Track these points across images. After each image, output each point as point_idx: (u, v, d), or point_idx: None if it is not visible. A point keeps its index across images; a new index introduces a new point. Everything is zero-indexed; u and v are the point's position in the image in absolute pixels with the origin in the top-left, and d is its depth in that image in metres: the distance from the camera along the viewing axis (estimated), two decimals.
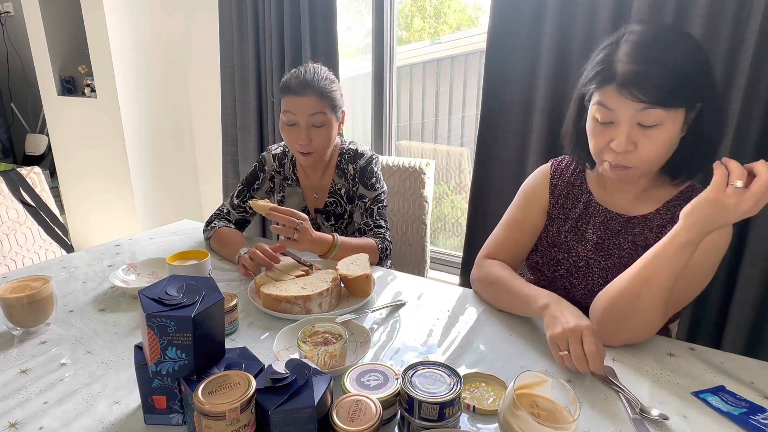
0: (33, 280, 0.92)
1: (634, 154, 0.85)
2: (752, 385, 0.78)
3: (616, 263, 0.97)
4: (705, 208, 0.75)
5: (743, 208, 0.71)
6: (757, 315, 1.35)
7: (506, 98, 1.64)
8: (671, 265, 0.79)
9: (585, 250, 1.01)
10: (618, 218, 0.99)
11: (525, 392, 0.63)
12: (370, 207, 1.36)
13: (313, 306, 0.98)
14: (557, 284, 1.06)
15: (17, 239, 1.62)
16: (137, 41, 2.56)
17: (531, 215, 1.09)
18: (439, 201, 2.60)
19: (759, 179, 0.70)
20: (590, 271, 1.01)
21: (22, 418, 0.70)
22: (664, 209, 0.95)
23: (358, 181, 1.37)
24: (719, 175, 0.73)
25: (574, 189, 1.06)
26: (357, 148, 1.40)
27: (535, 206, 1.08)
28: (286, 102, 1.26)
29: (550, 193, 1.08)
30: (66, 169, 3.05)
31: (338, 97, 1.30)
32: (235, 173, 2.53)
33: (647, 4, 1.34)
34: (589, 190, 1.04)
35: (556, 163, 1.11)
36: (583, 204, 1.04)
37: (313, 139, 1.26)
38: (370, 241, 1.29)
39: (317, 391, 0.60)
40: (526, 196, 1.11)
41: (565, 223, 1.05)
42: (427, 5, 2.41)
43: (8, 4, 3.95)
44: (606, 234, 1.00)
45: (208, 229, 1.37)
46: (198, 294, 0.65)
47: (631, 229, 0.97)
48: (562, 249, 1.05)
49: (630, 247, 0.96)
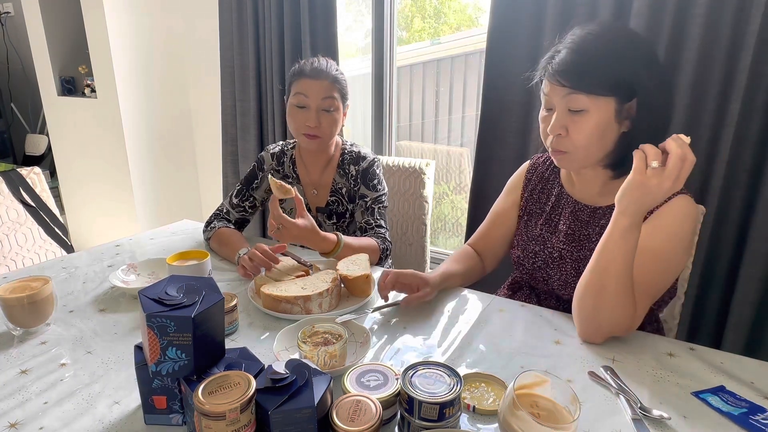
0: (33, 280, 0.92)
1: (567, 139, 0.92)
2: (752, 385, 0.78)
3: (587, 255, 0.98)
4: (632, 191, 0.78)
5: (666, 185, 0.74)
6: (757, 315, 1.35)
7: (506, 98, 1.64)
8: (621, 250, 0.82)
9: (558, 241, 1.05)
10: (585, 209, 1.03)
11: (525, 392, 0.63)
12: (371, 206, 1.37)
13: (313, 306, 0.98)
14: (536, 276, 1.10)
15: (17, 239, 1.62)
16: (137, 41, 2.56)
17: (508, 208, 1.17)
18: (439, 201, 2.60)
19: (671, 156, 0.73)
20: (564, 261, 1.04)
21: (22, 418, 0.70)
22: None
23: (360, 182, 1.38)
24: (638, 159, 0.76)
25: (547, 183, 1.11)
26: (360, 150, 1.41)
27: (510, 199, 1.17)
28: (299, 85, 1.29)
29: (524, 187, 1.15)
30: (66, 169, 3.05)
31: (347, 86, 1.34)
32: (235, 173, 2.53)
33: (647, 4, 1.35)
34: (561, 184, 1.09)
35: (535, 158, 1.17)
36: (555, 197, 1.08)
37: (322, 123, 1.29)
38: (372, 242, 1.30)
39: (317, 392, 0.60)
40: (505, 191, 1.20)
41: (540, 217, 1.10)
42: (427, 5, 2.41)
43: (8, 4, 3.95)
44: (575, 225, 1.03)
45: (207, 229, 1.38)
46: (198, 294, 0.65)
47: (598, 219, 1.00)
48: (538, 241, 1.09)
49: (597, 238, 0.99)
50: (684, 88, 1.35)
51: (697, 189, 1.40)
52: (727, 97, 1.31)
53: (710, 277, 1.43)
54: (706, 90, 1.34)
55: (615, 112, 0.89)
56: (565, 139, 0.92)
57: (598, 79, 0.87)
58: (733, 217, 1.36)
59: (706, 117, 1.35)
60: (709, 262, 1.41)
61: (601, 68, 0.87)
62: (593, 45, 0.88)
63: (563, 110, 0.91)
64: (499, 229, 1.18)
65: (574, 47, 0.89)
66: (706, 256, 1.41)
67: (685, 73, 1.35)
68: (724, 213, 1.37)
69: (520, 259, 1.12)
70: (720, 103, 1.33)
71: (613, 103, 0.88)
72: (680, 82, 1.36)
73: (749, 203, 1.34)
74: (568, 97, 0.89)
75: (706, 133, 1.36)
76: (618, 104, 0.88)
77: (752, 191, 1.33)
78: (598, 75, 0.87)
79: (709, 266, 1.42)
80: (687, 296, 1.18)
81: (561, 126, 0.91)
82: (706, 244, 1.39)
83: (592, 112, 0.88)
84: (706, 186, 1.39)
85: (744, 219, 1.35)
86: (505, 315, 1.01)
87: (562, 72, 0.89)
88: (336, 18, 2.01)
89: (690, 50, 1.33)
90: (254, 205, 1.44)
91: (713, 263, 1.41)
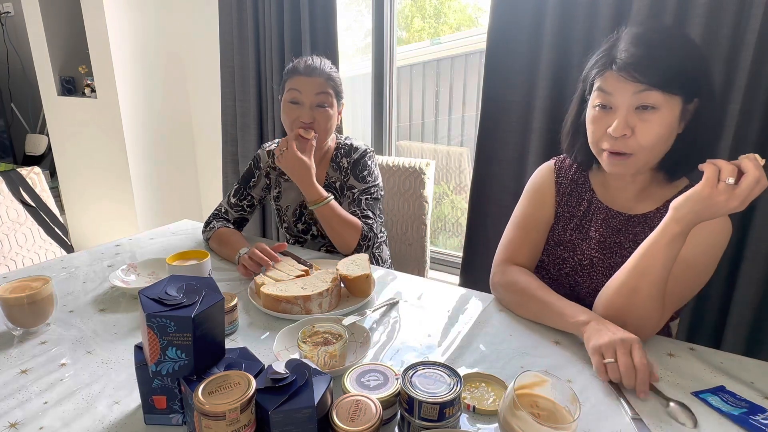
0: (33, 280, 0.92)
1: (632, 139, 0.86)
2: (752, 385, 0.78)
3: (618, 262, 0.96)
4: (696, 203, 0.76)
5: (732, 204, 0.73)
6: (757, 315, 1.35)
7: (506, 98, 1.64)
8: (664, 256, 0.81)
9: (589, 248, 1.02)
10: (619, 216, 0.99)
11: (525, 392, 0.63)
12: (358, 197, 1.35)
13: (313, 306, 0.98)
14: (562, 282, 1.06)
15: (17, 239, 1.62)
16: (137, 41, 2.56)
17: (542, 212, 1.08)
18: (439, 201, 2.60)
19: (747, 176, 0.71)
20: (594, 269, 1.01)
21: (22, 418, 0.70)
22: (664, 208, 0.95)
23: (350, 173, 1.38)
24: (711, 171, 0.74)
25: (578, 187, 1.06)
26: (352, 142, 1.42)
27: (545, 203, 1.08)
28: (292, 82, 1.29)
29: (557, 191, 1.08)
30: (66, 169, 3.05)
31: (341, 84, 1.34)
32: (235, 173, 2.53)
33: (647, 4, 1.35)
34: (592, 189, 1.05)
35: (559, 161, 1.11)
36: (587, 202, 1.04)
37: (316, 118, 1.28)
38: (358, 221, 1.29)
39: (317, 391, 0.60)
40: (534, 194, 1.10)
41: (570, 221, 1.06)
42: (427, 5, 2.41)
43: (8, 4, 3.95)
44: (608, 232, 1.00)
45: (207, 230, 1.38)
46: (198, 294, 0.65)
47: (632, 227, 0.97)
48: (567, 247, 1.05)
49: (631, 246, 0.97)
50: None
51: None
52: (727, 97, 1.31)
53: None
54: None
55: (680, 113, 0.86)
56: (629, 140, 0.86)
57: (672, 75, 0.83)
58: (733, 217, 1.35)
59: None
60: None
61: (675, 64, 0.83)
62: (662, 42, 0.85)
63: (630, 109, 0.85)
64: (538, 237, 1.08)
65: (643, 42, 0.84)
66: None
67: None
68: None
69: (545, 264, 1.08)
70: (720, 103, 1.33)
71: (680, 103, 0.85)
72: None
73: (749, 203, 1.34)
74: (640, 94, 0.84)
75: None
76: (683, 104, 0.85)
77: None
78: (673, 71, 0.83)
79: None
80: None
81: (627, 126, 0.85)
82: None
83: (664, 110, 0.84)
84: None
85: (744, 219, 1.35)
86: (505, 315, 1.01)
87: (637, 66, 0.83)
88: (336, 18, 2.01)
89: None
90: (252, 204, 1.44)
91: None
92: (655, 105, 0.84)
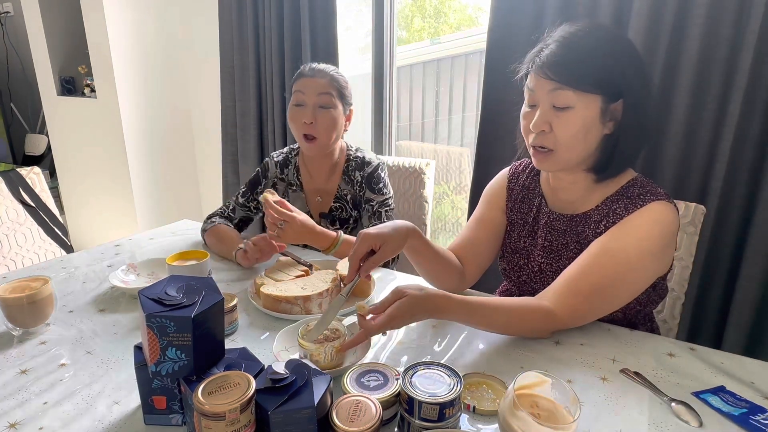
0: (33, 280, 0.92)
1: (551, 135, 0.90)
2: (752, 385, 0.78)
3: (565, 264, 0.95)
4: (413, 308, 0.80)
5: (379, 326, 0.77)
6: (757, 315, 1.35)
7: (506, 98, 1.64)
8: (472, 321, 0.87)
9: (537, 254, 1.03)
10: (562, 218, 1.00)
11: (525, 392, 0.63)
12: (378, 210, 1.35)
13: (313, 306, 0.98)
14: (523, 288, 1.07)
15: (17, 239, 1.62)
16: (137, 41, 2.56)
17: (491, 214, 1.11)
18: (439, 201, 2.60)
19: None
20: (544, 275, 1.01)
21: (22, 418, 0.70)
22: (602, 204, 0.95)
23: (365, 187, 1.37)
24: None
25: (528, 193, 1.08)
26: (364, 155, 1.40)
27: (495, 206, 1.11)
28: (297, 84, 1.31)
29: (507, 197, 1.10)
30: (66, 169, 3.05)
31: (346, 88, 1.34)
32: (234, 173, 2.53)
33: (647, 4, 1.35)
34: (542, 194, 1.05)
35: (515, 166, 1.13)
36: (536, 208, 1.05)
37: (318, 119, 1.28)
38: None
39: (317, 392, 0.60)
40: (485, 197, 1.14)
41: (523, 228, 1.07)
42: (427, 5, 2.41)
43: (8, 4, 3.95)
44: (552, 236, 1.01)
45: (207, 222, 1.39)
46: (198, 294, 0.65)
47: (575, 227, 0.98)
48: (522, 254, 1.06)
49: (576, 246, 0.97)
50: (684, 88, 1.35)
51: (697, 189, 1.40)
52: (727, 97, 1.31)
53: (710, 277, 1.43)
54: (706, 90, 1.34)
55: (600, 111, 0.87)
56: (548, 135, 0.90)
57: (586, 75, 0.85)
58: (733, 217, 1.36)
59: (706, 117, 1.35)
60: (709, 262, 1.41)
61: (590, 64, 0.85)
62: (583, 41, 0.87)
63: (548, 106, 0.89)
64: (484, 236, 1.11)
65: (563, 42, 0.88)
66: (706, 256, 1.40)
67: (685, 73, 1.35)
68: (724, 213, 1.37)
69: (507, 272, 1.10)
70: (720, 103, 1.33)
71: (599, 102, 0.86)
72: (680, 83, 1.36)
73: (749, 203, 1.34)
74: (554, 93, 0.87)
75: (706, 133, 1.36)
76: (603, 103, 0.87)
77: (752, 191, 1.33)
78: (587, 70, 0.85)
79: (709, 266, 1.42)
80: (687, 296, 1.18)
81: (545, 122, 0.89)
82: (706, 244, 1.39)
83: (578, 108, 0.86)
84: (706, 186, 1.39)
85: (744, 219, 1.35)
86: None
87: (550, 65, 0.87)
88: (336, 18, 2.01)
89: (690, 50, 1.33)
90: (258, 208, 1.45)
91: (713, 263, 1.41)
92: (568, 103, 0.86)
